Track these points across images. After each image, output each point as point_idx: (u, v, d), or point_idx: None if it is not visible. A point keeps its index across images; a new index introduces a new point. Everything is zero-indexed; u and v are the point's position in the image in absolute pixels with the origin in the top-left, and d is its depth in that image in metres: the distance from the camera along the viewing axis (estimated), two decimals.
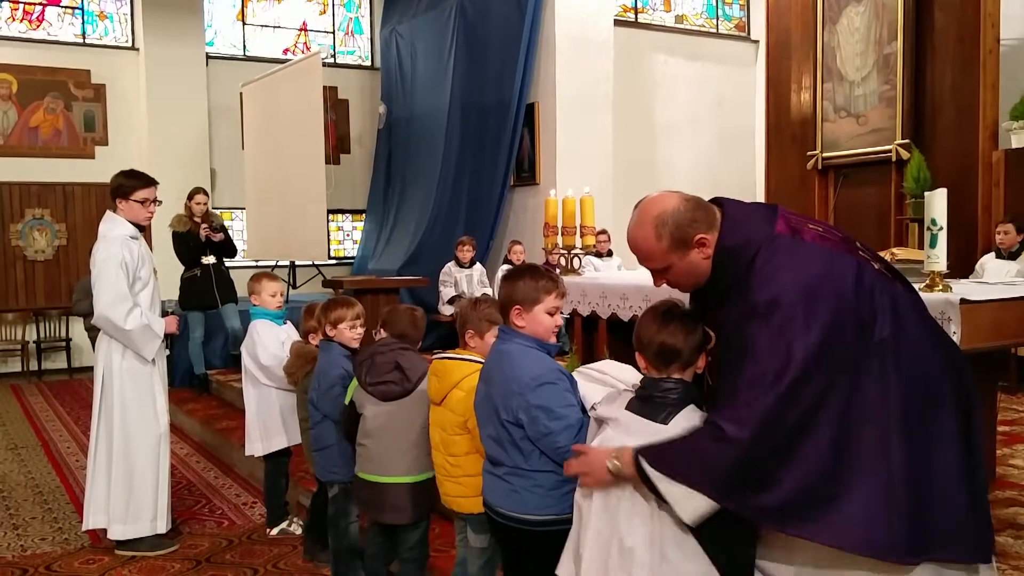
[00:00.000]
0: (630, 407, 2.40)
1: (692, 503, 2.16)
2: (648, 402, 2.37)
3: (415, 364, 3.55)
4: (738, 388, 2.15)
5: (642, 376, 2.45)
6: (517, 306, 2.79)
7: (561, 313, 2.88)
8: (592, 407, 2.67)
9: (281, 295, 5.05)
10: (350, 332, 4.07)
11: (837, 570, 2.20)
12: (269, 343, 4.81)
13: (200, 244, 8.44)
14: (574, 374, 2.87)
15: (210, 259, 8.53)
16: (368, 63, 13.77)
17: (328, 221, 11.16)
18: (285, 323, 5.02)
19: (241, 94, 11.71)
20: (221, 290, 8.49)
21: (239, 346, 5.16)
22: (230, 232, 8.92)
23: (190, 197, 8.57)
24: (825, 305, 2.13)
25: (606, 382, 2.74)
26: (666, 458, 2.19)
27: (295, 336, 4.88)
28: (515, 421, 2.69)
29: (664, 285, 2.42)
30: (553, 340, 2.85)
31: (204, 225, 8.40)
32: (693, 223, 2.26)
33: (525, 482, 2.73)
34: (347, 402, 3.76)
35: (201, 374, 8.75)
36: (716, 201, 2.36)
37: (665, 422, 2.30)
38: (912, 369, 2.20)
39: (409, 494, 3.60)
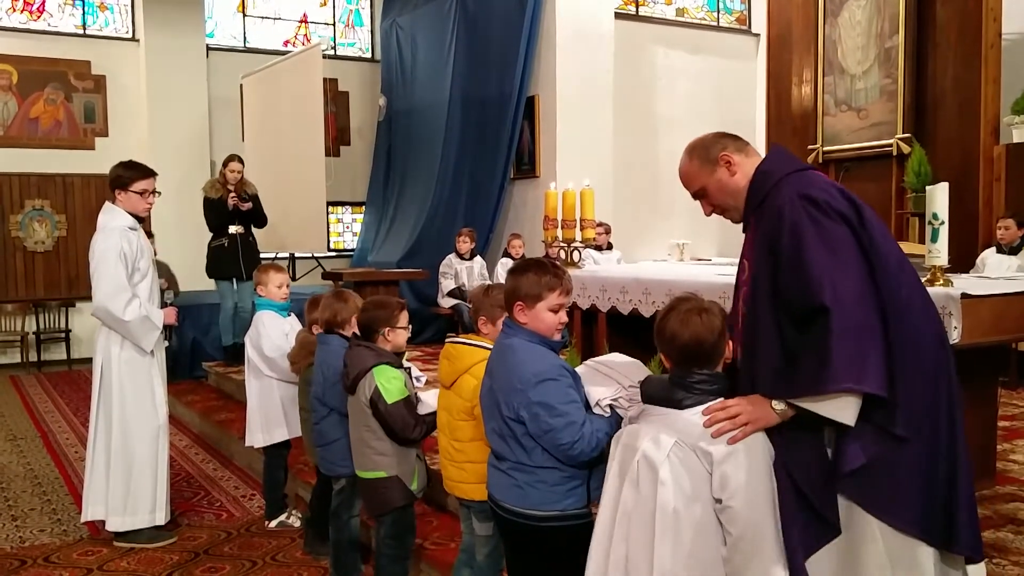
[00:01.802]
0: (654, 390, 2.42)
1: (847, 408, 2.24)
2: (678, 389, 2.37)
3: (355, 361, 3.61)
4: (807, 268, 2.29)
5: (669, 369, 2.44)
6: (520, 302, 2.76)
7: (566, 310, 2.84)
8: (597, 403, 2.66)
9: (288, 287, 5.05)
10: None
11: None
12: (274, 334, 4.82)
13: (228, 212, 8.42)
14: (580, 368, 2.86)
15: (237, 228, 8.51)
16: (368, 55, 13.74)
17: (328, 213, 11.15)
18: (290, 315, 5.02)
19: (241, 86, 11.69)
20: (247, 261, 8.38)
21: (243, 330, 5.16)
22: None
23: (225, 164, 8.59)
24: (854, 204, 2.39)
25: (612, 376, 2.73)
26: (806, 382, 2.27)
27: (299, 328, 4.88)
28: (516, 417, 2.67)
29: (712, 212, 2.70)
30: (557, 337, 2.81)
31: (232, 193, 8.37)
32: (716, 143, 2.61)
33: (529, 477, 2.71)
34: None
35: (229, 344, 8.67)
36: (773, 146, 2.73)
37: (681, 407, 2.33)
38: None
39: (363, 488, 3.72)
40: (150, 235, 8.49)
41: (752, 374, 2.43)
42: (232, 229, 8.48)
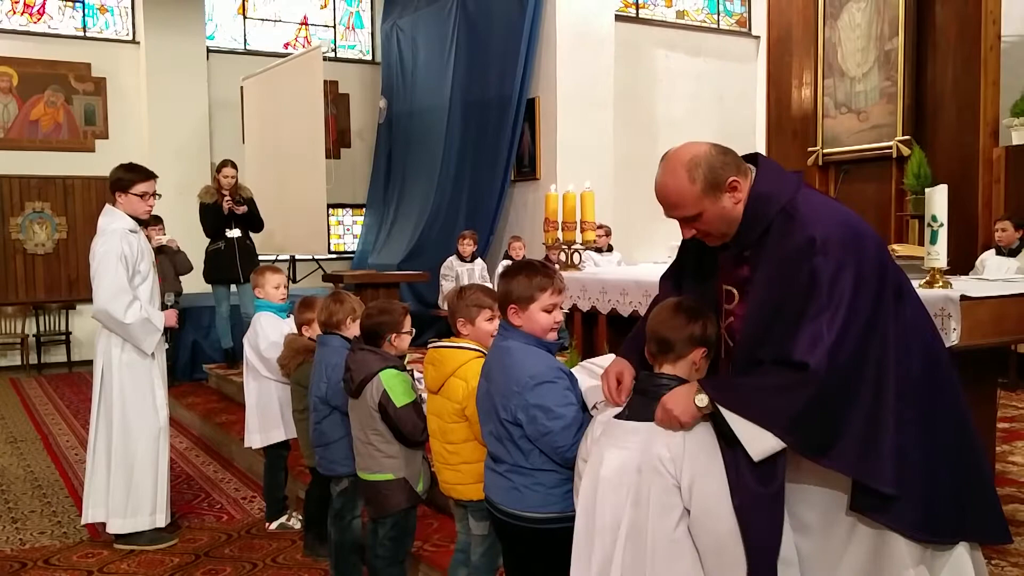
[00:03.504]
0: (627, 406, 2.41)
1: (761, 442, 2.18)
2: (644, 395, 2.37)
3: (360, 366, 3.60)
4: (802, 322, 2.15)
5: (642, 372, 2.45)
6: (513, 305, 2.75)
7: (561, 309, 2.83)
8: (594, 406, 2.66)
9: (285, 287, 5.06)
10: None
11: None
12: (272, 335, 4.82)
13: (224, 216, 8.44)
14: (575, 369, 2.86)
15: (234, 232, 8.53)
16: (369, 57, 13.76)
17: (328, 215, 11.16)
18: (289, 316, 5.02)
19: (242, 88, 11.69)
20: (245, 265, 8.38)
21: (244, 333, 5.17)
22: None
23: (218, 170, 8.63)
24: (870, 241, 2.24)
25: None
26: (741, 398, 2.21)
27: None
28: (514, 420, 2.67)
29: (693, 235, 2.40)
30: (553, 337, 2.80)
31: (227, 197, 8.39)
32: (725, 166, 2.29)
33: (526, 480, 2.71)
34: None
35: (229, 347, 8.73)
36: (751, 156, 2.42)
37: (650, 419, 2.31)
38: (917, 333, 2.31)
39: (367, 490, 3.71)
40: (157, 221, 8.54)
41: None
42: (229, 233, 8.49)
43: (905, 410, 2.22)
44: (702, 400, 2.23)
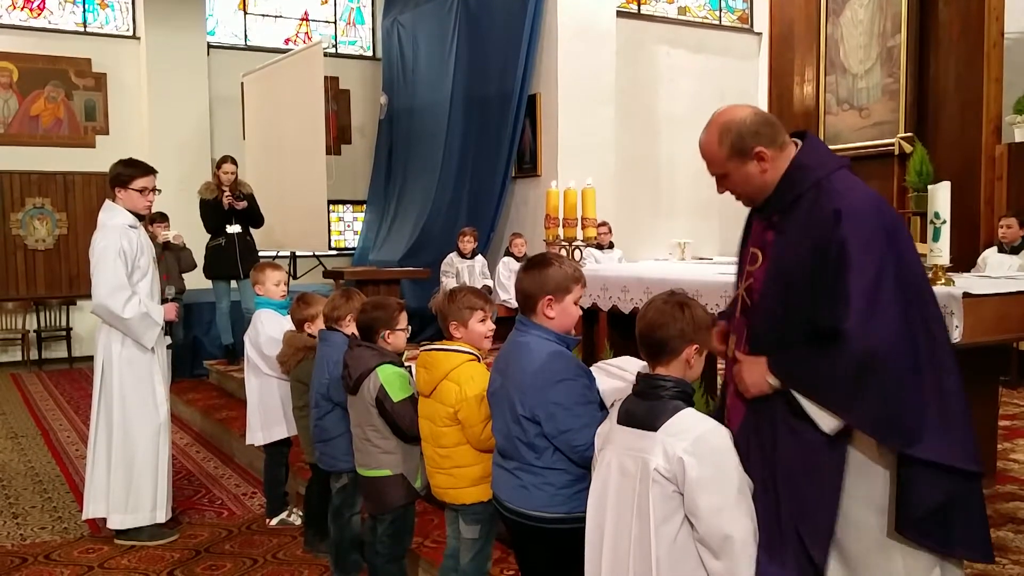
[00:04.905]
0: (627, 406, 2.40)
1: (830, 420, 2.22)
2: (644, 398, 2.36)
3: (357, 362, 3.60)
4: (845, 294, 2.17)
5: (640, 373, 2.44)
6: (549, 296, 2.68)
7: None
8: (612, 404, 2.64)
9: (285, 284, 5.05)
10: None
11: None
12: (273, 332, 4.80)
13: (224, 212, 8.44)
14: (592, 368, 2.83)
15: (235, 228, 8.53)
16: (370, 53, 13.74)
17: (329, 212, 11.15)
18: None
19: (242, 84, 11.69)
20: (245, 261, 8.37)
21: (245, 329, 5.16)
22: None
23: (218, 166, 8.64)
24: (893, 217, 2.30)
25: (625, 379, 2.71)
26: (804, 379, 2.24)
27: None
28: (531, 417, 2.63)
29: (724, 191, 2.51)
30: (574, 333, 2.78)
31: (228, 193, 8.39)
32: (755, 135, 2.37)
33: (535, 479, 2.68)
34: None
35: (229, 343, 8.75)
36: (800, 133, 2.48)
37: (654, 428, 2.28)
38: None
39: (366, 486, 3.71)
40: (163, 218, 8.58)
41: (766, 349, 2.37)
42: (230, 229, 8.50)
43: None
44: (775, 380, 2.29)
